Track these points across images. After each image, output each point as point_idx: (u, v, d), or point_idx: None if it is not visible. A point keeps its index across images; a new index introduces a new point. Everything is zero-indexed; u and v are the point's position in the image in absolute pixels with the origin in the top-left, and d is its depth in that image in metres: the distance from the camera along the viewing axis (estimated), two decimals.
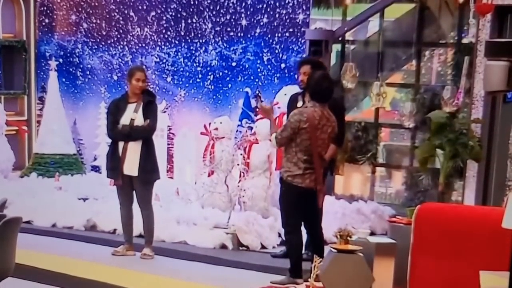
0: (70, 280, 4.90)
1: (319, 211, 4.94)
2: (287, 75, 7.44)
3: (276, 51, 7.47)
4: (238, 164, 6.39)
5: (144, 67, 6.29)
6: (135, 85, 5.24)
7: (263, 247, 6.11)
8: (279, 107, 6.72)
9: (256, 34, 7.55)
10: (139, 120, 5.21)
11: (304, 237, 5.00)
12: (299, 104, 5.40)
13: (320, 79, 4.75)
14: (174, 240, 6.20)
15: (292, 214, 4.77)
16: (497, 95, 6.07)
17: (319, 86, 4.73)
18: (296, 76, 7.40)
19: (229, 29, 7.68)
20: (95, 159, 8.33)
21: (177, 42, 7.93)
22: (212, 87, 7.83)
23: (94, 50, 8.35)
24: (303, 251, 5.06)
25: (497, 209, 3.81)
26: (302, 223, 4.87)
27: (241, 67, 7.68)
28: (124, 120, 5.22)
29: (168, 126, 7.75)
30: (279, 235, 6.28)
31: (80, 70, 8.48)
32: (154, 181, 5.37)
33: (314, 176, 4.73)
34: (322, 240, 4.97)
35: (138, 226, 6.37)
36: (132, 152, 5.19)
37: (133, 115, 5.21)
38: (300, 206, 4.77)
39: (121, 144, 5.23)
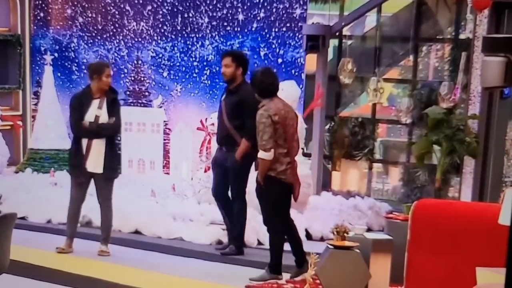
0: (66, 277, 4.88)
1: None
2: (284, 70, 7.42)
3: (273, 46, 7.44)
4: None
5: (109, 62, 6.28)
6: (105, 81, 5.21)
7: (259, 243, 6.09)
8: None
9: (253, 29, 7.52)
10: (104, 117, 5.17)
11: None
12: (223, 96, 5.44)
13: (264, 76, 4.76)
14: (170, 236, 6.19)
15: (277, 210, 4.77)
16: (494, 91, 6.06)
17: (264, 83, 4.73)
18: (292, 71, 7.41)
19: (225, 23, 7.64)
20: None
21: (173, 36, 7.89)
22: (209, 82, 7.80)
23: (89, 45, 8.30)
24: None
25: (494, 205, 3.80)
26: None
27: None
28: (89, 116, 5.18)
29: (164, 121, 7.73)
30: None
31: (75, 64, 8.43)
32: (115, 178, 5.34)
33: (293, 170, 4.75)
34: (296, 230, 4.99)
35: (132, 222, 6.36)
36: (96, 149, 5.16)
37: (97, 111, 5.17)
38: (284, 201, 4.78)
39: (84, 141, 5.19)
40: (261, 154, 4.63)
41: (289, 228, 4.89)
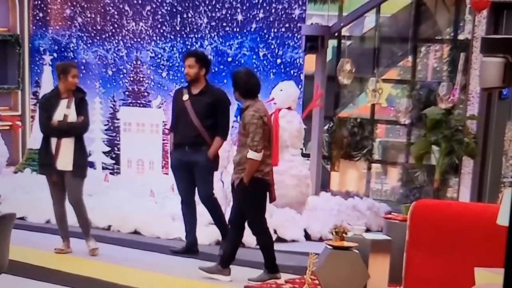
0: (64, 277, 4.88)
1: None
2: (283, 70, 7.42)
3: (272, 47, 7.45)
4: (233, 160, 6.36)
5: (76, 63, 6.32)
6: (72, 81, 5.29)
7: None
8: (275, 103, 6.70)
9: (252, 29, 7.52)
10: (72, 116, 5.25)
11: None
12: (185, 97, 5.41)
13: (247, 77, 4.78)
14: (169, 236, 6.19)
15: (263, 211, 4.79)
16: (492, 92, 6.07)
17: (248, 84, 4.74)
18: (291, 71, 7.42)
19: (224, 24, 7.64)
20: (90, 155, 8.29)
21: (172, 37, 7.89)
22: None
23: (88, 45, 8.30)
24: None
25: (492, 206, 3.81)
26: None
27: (237, 62, 7.64)
28: (57, 115, 5.24)
29: (164, 121, 7.72)
30: (275, 231, 6.28)
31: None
32: (85, 176, 5.38)
33: (272, 171, 4.79)
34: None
35: (132, 223, 6.36)
36: (66, 148, 5.22)
37: (66, 111, 5.24)
38: (265, 202, 4.81)
39: (53, 140, 5.25)
40: (252, 154, 4.61)
41: (241, 230, 4.89)
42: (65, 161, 5.22)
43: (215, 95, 5.35)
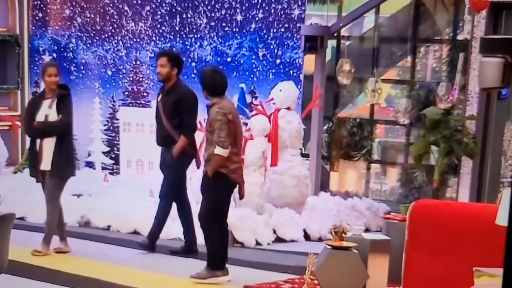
0: (64, 277, 4.88)
1: None
2: (282, 70, 7.43)
3: (271, 47, 7.45)
4: None
5: (55, 62, 6.29)
6: (49, 80, 5.27)
7: (258, 243, 6.10)
8: (274, 103, 6.71)
9: (251, 30, 7.53)
10: (53, 116, 5.21)
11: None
12: (159, 97, 5.45)
13: (213, 75, 4.79)
14: (169, 236, 6.19)
15: (221, 208, 4.79)
16: (491, 92, 6.08)
17: (214, 82, 4.76)
18: (291, 72, 7.43)
19: (224, 24, 7.65)
20: (89, 155, 8.30)
21: (172, 37, 7.90)
22: None
23: (88, 45, 8.30)
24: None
25: (491, 206, 3.81)
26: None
27: (236, 62, 7.65)
28: (40, 116, 5.23)
29: None
30: (274, 231, 6.29)
31: (74, 65, 8.43)
32: (67, 178, 5.32)
33: (241, 170, 4.79)
34: (228, 237, 5.05)
35: (131, 223, 6.36)
36: (47, 148, 5.20)
37: (47, 111, 5.22)
38: (227, 200, 4.82)
39: (38, 141, 5.25)
40: (218, 150, 4.63)
41: (224, 231, 4.89)
42: (46, 161, 5.20)
43: (179, 94, 5.34)
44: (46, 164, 5.22)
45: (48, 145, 5.20)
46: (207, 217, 4.77)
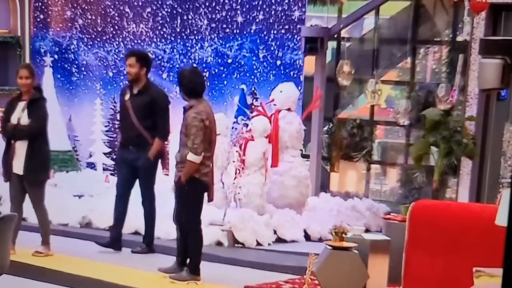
0: (65, 277, 4.89)
1: None
2: (282, 72, 7.46)
3: (272, 48, 7.48)
4: (233, 161, 6.40)
5: (29, 64, 6.21)
6: (20, 83, 5.22)
7: (258, 244, 6.12)
8: (274, 104, 6.73)
9: (252, 31, 7.55)
10: (25, 119, 5.16)
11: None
12: (127, 97, 5.42)
13: (192, 76, 4.73)
14: (169, 237, 6.20)
15: (199, 211, 4.79)
16: (491, 93, 6.11)
17: (193, 83, 4.70)
18: (291, 73, 7.45)
19: (224, 25, 7.68)
20: (91, 156, 8.32)
21: (172, 38, 7.93)
22: (208, 83, 7.83)
23: (89, 46, 8.33)
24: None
25: (491, 206, 3.83)
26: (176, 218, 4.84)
27: (236, 64, 7.68)
28: (13, 118, 5.20)
29: None
30: (275, 232, 6.31)
31: (75, 66, 8.46)
32: (42, 181, 5.29)
33: (212, 172, 4.79)
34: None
35: (132, 223, 6.38)
36: (19, 151, 5.17)
37: (20, 113, 5.18)
38: (201, 202, 4.81)
39: (12, 142, 5.23)
40: (191, 157, 4.60)
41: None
42: (18, 164, 5.17)
43: (152, 95, 5.32)
44: (18, 167, 5.17)
45: (20, 149, 5.15)
46: (190, 222, 4.78)
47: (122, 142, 5.51)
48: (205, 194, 4.83)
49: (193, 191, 4.69)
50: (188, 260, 4.79)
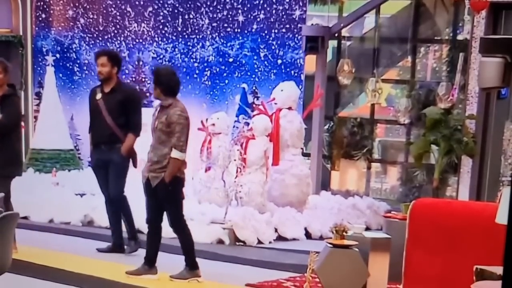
0: (67, 276, 4.91)
1: None
2: (283, 71, 7.48)
3: (273, 47, 7.50)
4: (235, 160, 6.42)
5: (2, 60, 6.18)
6: None
7: (259, 242, 6.14)
8: (275, 103, 6.75)
9: (253, 30, 7.57)
10: None
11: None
12: (98, 96, 5.43)
13: (170, 75, 4.75)
14: (171, 235, 6.21)
15: (182, 209, 4.78)
16: (491, 92, 6.12)
17: (172, 82, 4.71)
18: (292, 72, 7.47)
19: (226, 25, 7.69)
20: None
21: (174, 37, 7.94)
22: (209, 82, 7.85)
23: (91, 46, 8.35)
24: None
25: (491, 205, 3.85)
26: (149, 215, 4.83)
27: (238, 63, 7.70)
28: None
29: None
30: (276, 230, 6.33)
31: (77, 65, 8.48)
32: (9, 177, 5.27)
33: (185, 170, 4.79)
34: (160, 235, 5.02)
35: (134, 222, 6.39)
36: None
37: None
38: (183, 199, 4.80)
39: None
40: (177, 154, 4.58)
41: (159, 228, 4.85)
42: None
43: (125, 93, 5.36)
44: None
45: None
46: (181, 221, 4.78)
47: (93, 143, 5.50)
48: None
49: (176, 190, 4.69)
50: (185, 259, 4.80)
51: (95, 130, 5.48)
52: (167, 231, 6.24)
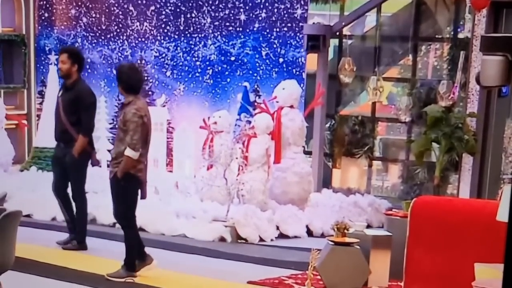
0: (70, 273, 4.95)
1: None
2: (285, 69, 7.49)
3: (275, 46, 7.51)
4: (236, 158, 6.45)
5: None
6: None
7: (261, 239, 6.17)
8: (277, 102, 6.78)
9: (255, 29, 7.59)
10: None
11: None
12: (60, 93, 5.49)
13: (131, 72, 4.76)
14: (173, 233, 6.26)
15: (134, 207, 4.83)
16: (492, 90, 6.14)
17: (132, 79, 4.71)
18: (294, 70, 7.49)
19: (228, 23, 7.71)
20: (95, 153, 8.36)
21: (176, 36, 7.96)
22: (211, 81, 7.87)
23: (93, 44, 8.37)
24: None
25: (492, 202, 3.87)
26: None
27: (240, 61, 7.72)
28: None
29: (168, 120, 7.79)
30: (277, 227, 6.36)
31: None
32: None
33: (146, 169, 4.81)
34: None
35: (136, 219, 6.42)
36: None
37: None
38: (137, 197, 4.83)
39: None
40: (129, 152, 4.62)
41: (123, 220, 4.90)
42: None
43: (78, 92, 5.36)
44: None
45: None
46: (127, 218, 4.82)
47: (55, 139, 5.55)
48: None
49: (129, 187, 4.72)
50: (126, 257, 4.82)
51: (55, 127, 5.52)
52: (171, 228, 6.29)
